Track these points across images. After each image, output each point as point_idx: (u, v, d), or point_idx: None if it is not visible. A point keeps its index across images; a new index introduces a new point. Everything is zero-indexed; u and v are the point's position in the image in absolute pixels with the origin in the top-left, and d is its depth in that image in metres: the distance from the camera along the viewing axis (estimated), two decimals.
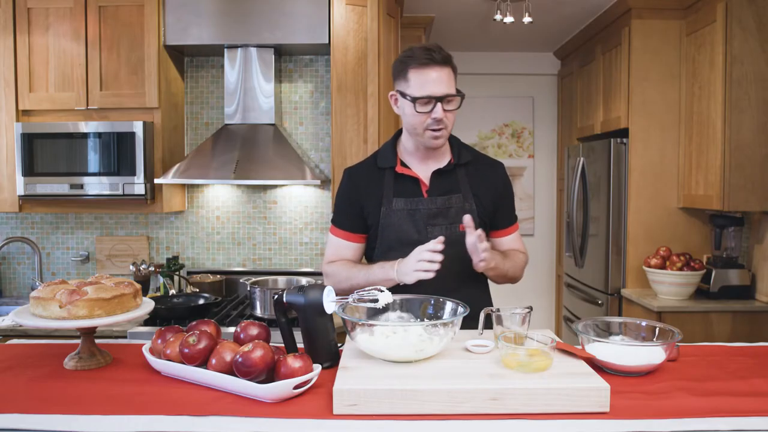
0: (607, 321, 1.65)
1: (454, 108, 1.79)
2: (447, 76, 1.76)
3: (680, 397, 1.32)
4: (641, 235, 3.52)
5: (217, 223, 3.30)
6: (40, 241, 3.31)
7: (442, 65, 1.75)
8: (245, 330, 1.52)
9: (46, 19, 2.95)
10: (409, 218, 1.85)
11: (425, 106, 1.76)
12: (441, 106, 1.75)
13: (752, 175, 3.01)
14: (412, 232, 1.84)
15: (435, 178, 1.88)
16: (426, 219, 1.85)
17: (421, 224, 1.84)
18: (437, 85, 1.74)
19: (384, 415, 1.24)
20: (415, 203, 1.85)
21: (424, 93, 1.74)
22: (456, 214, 1.85)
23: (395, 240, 1.86)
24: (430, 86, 1.74)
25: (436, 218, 1.85)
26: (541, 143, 5.32)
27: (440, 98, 1.75)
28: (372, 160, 1.96)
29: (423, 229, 1.84)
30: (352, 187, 1.93)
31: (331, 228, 1.98)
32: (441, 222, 1.85)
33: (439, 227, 1.84)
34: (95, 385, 1.41)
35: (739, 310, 3.11)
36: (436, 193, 1.87)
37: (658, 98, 3.48)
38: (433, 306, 1.60)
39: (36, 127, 2.90)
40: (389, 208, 1.86)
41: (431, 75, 1.74)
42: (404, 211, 1.85)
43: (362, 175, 1.93)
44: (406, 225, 1.85)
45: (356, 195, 1.91)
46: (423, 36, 3.95)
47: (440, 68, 1.75)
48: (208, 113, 3.29)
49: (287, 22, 2.93)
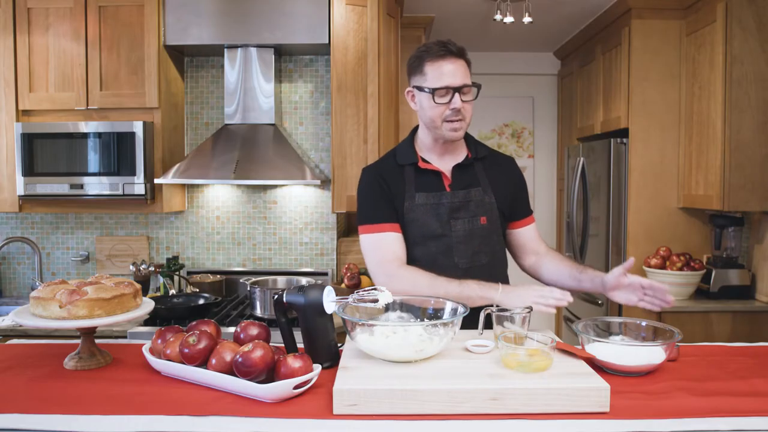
0: (607, 321, 1.66)
1: (471, 99, 1.82)
2: (463, 68, 1.80)
3: (680, 397, 1.32)
4: (641, 235, 3.52)
5: (217, 223, 3.30)
6: (40, 241, 3.31)
7: (457, 57, 1.79)
8: (245, 330, 1.52)
9: (46, 19, 2.95)
10: (432, 212, 1.85)
11: (443, 97, 1.78)
12: (459, 96, 1.78)
13: (752, 175, 3.01)
14: (436, 226, 1.85)
15: (456, 172, 1.90)
16: (449, 213, 1.86)
17: (444, 218, 1.85)
18: (454, 76, 1.77)
19: (384, 415, 1.24)
20: (438, 197, 1.86)
21: (442, 84, 1.77)
22: (476, 207, 1.87)
23: (419, 235, 1.86)
24: (447, 77, 1.77)
25: (458, 212, 1.86)
26: (541, 143, 5.32)
27: (457, 89, 1.77)
28: (390, 157, 1.96)
29: (446, 222, 1.85)
30: (378, 180, 1.89)
31: (365, 228, 1.86)
32: (463, 215, 1.86)
33: (461, 220, 1.86)
34: (95, 385, 1.41)
35: (739, 310, 3.11)
36: (458, 187, 1.88)
37: (658, 98, 3.48)
38: (433, 306, 1.60)
39: (36, 127, 2.90)
40: (412, 202, 1.86)
41: (448, 66, 1.77)
42: (427, 206, 1.86)
43: (384, 171, 1.92)
44: (430, 219, 1.85)
45: (384, 185, 1.88)
46: (423, 36, 3.95)
47: (455, 60, 1.79)
48: (208, 113, 3.29)
49: (287, 22, 2.93)
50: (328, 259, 3.27)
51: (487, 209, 1.88)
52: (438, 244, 1.86)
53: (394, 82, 3.25)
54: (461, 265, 1.85)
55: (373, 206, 1.87)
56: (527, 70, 5.22)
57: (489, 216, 1.88)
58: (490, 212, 1.89)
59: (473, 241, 1.87)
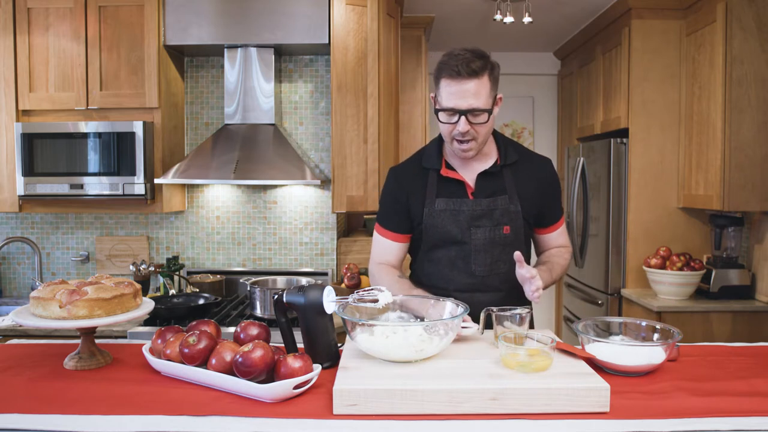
0: (607, 321, 1.65)
1: (483, 122, 1.74)
2: (475, 88, 1.70)
3: (680, 397, 1.32)
4: (641, 235, 3.52)
5: (217, 223, 3.30)
6: (40, 241, 3.31)
7: (470, 77, 1.69)
8: (245, 330, 1.52)
9: (46, 19, 2.95)
10: (452, 219, 1.84)
11: (450, 117, 1.74)
12: (465, 119, 1.72)
13: (752, 175, 3.01)
14: (456, 232, 1.84)
15: (481, 180, 1.86)
16: (469, 220, 1.84)
17: (464, 225, 1.84)
18: (461, 98, 1.70)
19: (384, 415, 1.24)
20: (459, 204, 1.84)
21: (449, 105, 1.72)
22: (501, 216, 1.84)
23: (439, 239, 1.86)
24: (455, 99, 1.71)
25: (480, 219, 1.84)
26: (541, 143, 5.32)
27: (464, 112, 1.71)
28: (417, 159, 1.95)
29: (466, 230, 1.83)
30: (397, 187, 1.93)
31: (376, 226, 1.98)
32: (485, 224, 1.84)
33: (483, 228, 1.83)
34: (95, 385, 1.41)
35: (739, 310, 3.11)
36: (482, 195, 1.85)
37: (658, 98, 3.48)
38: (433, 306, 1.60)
39: (36, 127, 2.90)
40: (432, 208, 1.85)
41: (457, 87, 1.70)
42: (447, 212, 1.84)
43: (407, 175, 1.93)
44: (450, 225, 1.84)
45: (402, 195, 1.91)
46: (423, 36, 3.95)
47: (467, 80, 1.69)
48: (208, 113, 3.29)
49: (287, 22, 2.93)
50: (328, 259, 3.27)
51: (512, 218, 1.85)
52: (457, 249, 1.85)
53: (394, 82, 3.25)
54: (478, 272, 1.84)
55: (385, 211, 1.96)
56: (527, 70, 5.22)
57: (513, 225, 1.85)
58: (514, 221, 1.85)
59: (493, 250, 1.84)
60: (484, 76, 1.72)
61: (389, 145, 3.12)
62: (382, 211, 1.97)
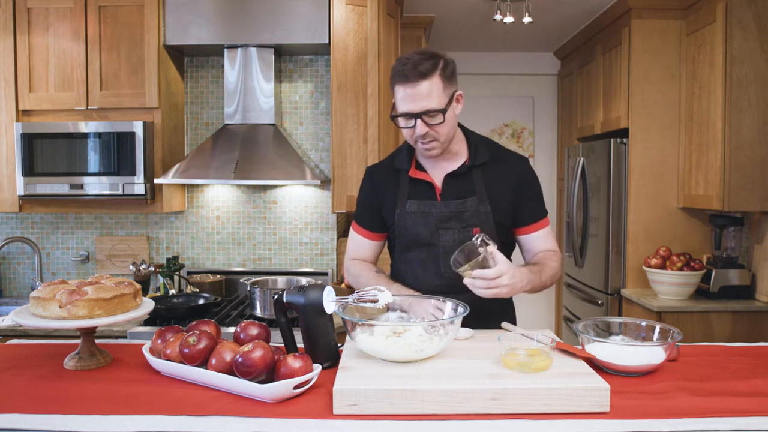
0: (607, 321, 1.65)
1: (439, 122, 1.70)
2: (427, 90, 1.67)
3: (680, 397, 1.32)
4: (641, 235, 3.52)
5: (217, 223, 3.30)
6: (40, 241, 3.31)
7: (420, 79, 1.66)
8: (245, 330, 1.52)
9: (46, 19, 2.95)
10: (422, 221, 1.83)
11: (408, 122, 1.72)
12: (421, 121, 1.70)
13: (752, 175, 3.01)
14: (425, 234, 1.83)
15: (448, 182, 1.84)
16: (438, 222, 1.82)
17: (433, 227, 1.82)
18: (414, 101, 1.68)
19: (384, 415, 1.24)
20: (428, 206, 1.83)
21: (404, 110, 1.70)
22: (471, 218, 1.81)
23: (410, 241, 1.87)
24: (408, 103, 1.69)
25: (448, 221, 1.82)
26: (541, 143, 5.32)
27: (418, 115, 1.69)
28: (390, 160, 1.95)
29: (435, 232, 1.82)
30: (371, 186, 1.94)
31: (352, 224, 2.01)
32: (454, 225, 1.82)
33: (452, 231, 1.82)
34: (95, 385, 1.41)
35: (739, 310, 3.11)
36: (450, 197, 1.83)
37: (658, 98, 3.48)
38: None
39: (36, 127, 2.90)
40: (403, 210, 1.85)
41: (409, 91, 1.67)
42: (417, 214, 1.84)
43: (381, 175, 1.94)
44: (419, 227, 1.84)
45: (375, 194, 1.92)
46: (423, 36, 3.95)
47: (418, 83, 1.66)
48: (208, 113, 3.29)
49: (287, 22, 2.93)
50: (328, 259, 3.27)
51: (482, 219, 1.81)
52: (427, 251, 1.85)
53: None
54: (447, 274, 1.81)
55: (361, 209, 1.99)
56: (527, 70, 5.22)
57: (483, 227, 1.81)
58: (485, 223, 1.81)
59: None
60: (434, 76, 1.67)
61: (389, 145, 3.12)
62: (358, 209, 1.99)
